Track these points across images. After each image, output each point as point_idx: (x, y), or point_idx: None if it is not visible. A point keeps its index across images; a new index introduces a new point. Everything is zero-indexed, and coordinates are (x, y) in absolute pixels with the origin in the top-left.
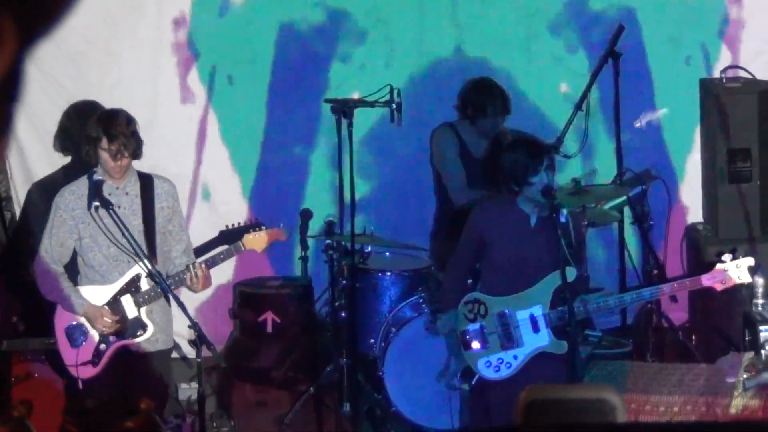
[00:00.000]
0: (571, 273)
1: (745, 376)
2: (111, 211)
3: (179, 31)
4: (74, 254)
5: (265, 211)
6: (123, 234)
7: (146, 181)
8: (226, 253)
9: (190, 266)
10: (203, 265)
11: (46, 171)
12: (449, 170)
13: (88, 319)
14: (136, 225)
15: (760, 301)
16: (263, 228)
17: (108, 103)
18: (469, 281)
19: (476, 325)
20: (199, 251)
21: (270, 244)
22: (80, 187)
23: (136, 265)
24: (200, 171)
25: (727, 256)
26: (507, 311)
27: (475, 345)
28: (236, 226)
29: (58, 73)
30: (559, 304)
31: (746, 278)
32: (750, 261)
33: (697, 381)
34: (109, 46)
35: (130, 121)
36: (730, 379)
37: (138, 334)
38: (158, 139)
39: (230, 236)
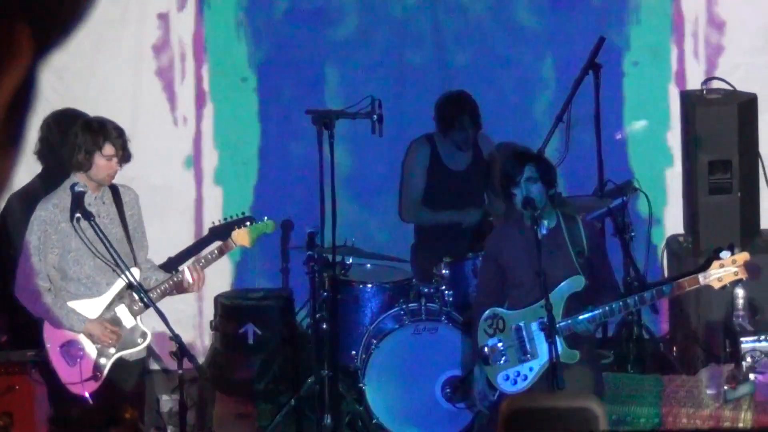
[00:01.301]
0: (579, 282)
1: (725, 387)
2: (93, 223)
3: (162, 41)
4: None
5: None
6: (105, 245)
7: (114, 190)
8: (218, 252)
9: (187, 268)
10: (198, 266)
11: (24, 181)
12: (409, 184)
13: (91, 336)
14: (116, 233)
15: (740, 313)
16: (249, 223)
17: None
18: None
19: (495, 340)
20: (191, 251)
21: (258, 237)
22: (62, 199)
23: (126, 273)
24: (183, 182)
25: (724, 253)
26: (522, 324)
27: (495, 359)
28: (223, 221)
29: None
30: (572, 312)
31: (743, 274)
32: (746, 256)
33: (678, 392)
34: (92, 57)
35: (117, 126)
36: (710, 391)
37: (138, 342)
38: (142, 150)
39: (219, 232)
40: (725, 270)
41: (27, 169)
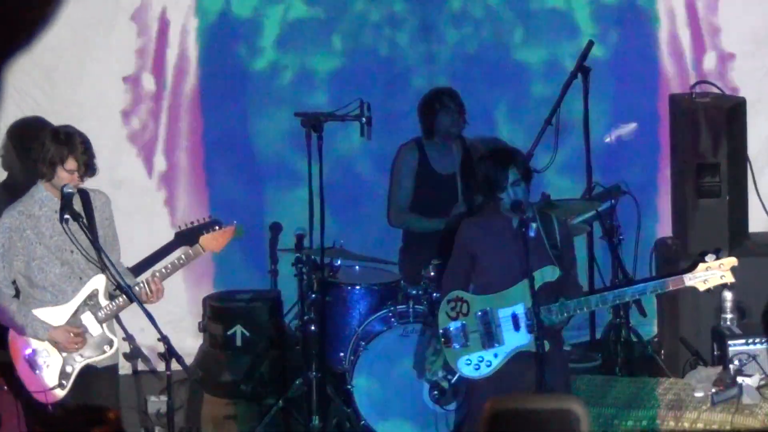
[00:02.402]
0: (554, 272)
1: (713, 390)
2: (81, 224)
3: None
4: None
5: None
6: (93, 245)
7: (84, 196)
8: (185, 257)
9: (143, 282)
10: (156, 278)
11: None
12: (397, 189)
13: (55, 343)
14: (83, 239)
15: (728, 316)
16: (216, 228)
17: (80, 116)
18: None
19: (458, 323)
20: (158, 255)
21: (227, 243)
22: (27, 206)
23: (90, 281)
24: (168, 183)
25: (710, 256)
26: (488, 309)
27: (456, 343)
28: (191, 225)
29: (29, 88)
30: (541, 302)
31: (729, 278)
32: (733, 261)
33: (667, 395)
34: (80, 60)
35: (85, 139)
36: (698, 394)
37: (104, 350)
38: (126, 151)
39: (186, 237)
40: (711, 273)
41: None
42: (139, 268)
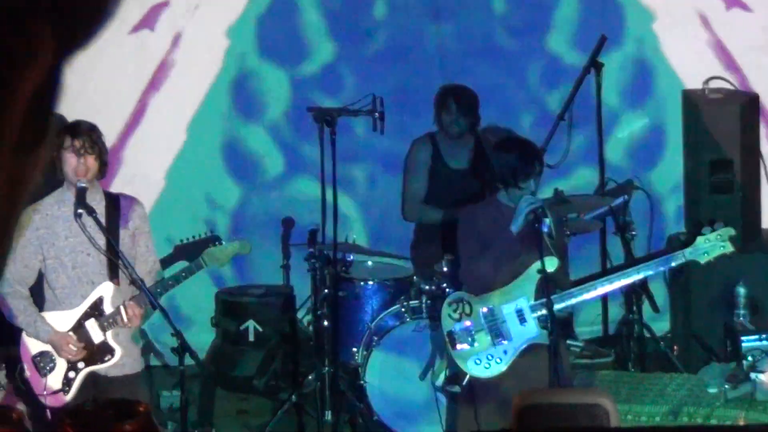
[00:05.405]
0: (552, 263)
1: (727, 386)
2: (95, 218)
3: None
4: (41, 278)
5: (247, 220)
6: (107, 242)
7: (112, 201)
8: (187, 271)
9: (121, 307)
10: (131, 304)
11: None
12: (411, 183)
13: (54, 347)
14: (101, 240)
15: (741, 312)
16: (217, 243)
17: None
18: None
19: (462, 324)
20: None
21: (232, 257)
22: (45, 206)
23: (98, 288)
24: (180, 181)
25: (706, 229)
26: (492, 307)
27: (463, 344)
28: (192, 240)
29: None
30: (542, 295)
31: (729, 248)
32: (730, 231)
33: (679, 391)
34: (92, 56)
35: (93, 126)
36: (711, 390)
37: (106, 358)
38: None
39: (187, 251)
40: (711, 245)
41: None
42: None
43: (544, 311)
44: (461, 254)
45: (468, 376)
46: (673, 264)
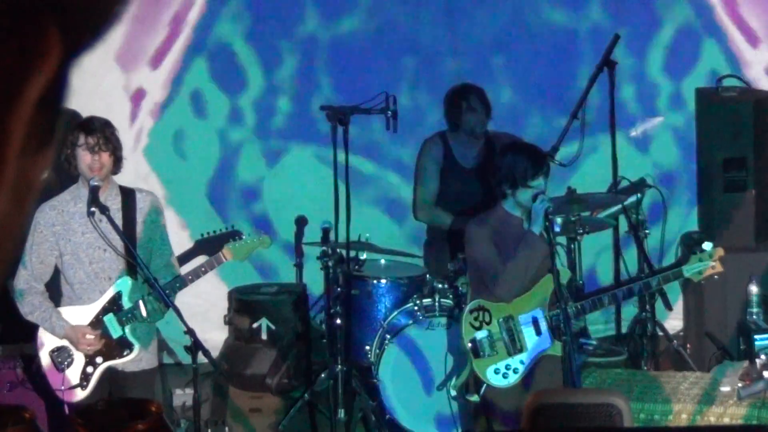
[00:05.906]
0: (565, 275)
1: (740, 384)
2: (108, 216)
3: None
4: (57, 274)
5: (261, 218)
6: (122, 240)
7: (128, 195)
8: (208, 266)
9: (140, 302)
10: (152, 299)
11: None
12: (421, 183)
13: (71, 342)
14: (115, 237)
15: (754, 310)
16: (243, 237)
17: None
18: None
19: (483, 333)
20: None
21: (252, 252)
22: (61, 202)
23: (117, 283)
24: (195, 182)
25: (707, 244)
26: (509, 315)
27: (484, 353)
28: (212, 234)
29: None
30: (556, 305)
31: (719, 268)
32: (720, 252)
33: (693, 389)
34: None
35: (107, 122)
36: (724, 388)
37: (125, 353)
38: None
39: (208, 245)
40: (703, 264)
41: None
42: None
43: (557, 323)
44: (481, 264)
45: (485, 386)
46: (673, 279)
